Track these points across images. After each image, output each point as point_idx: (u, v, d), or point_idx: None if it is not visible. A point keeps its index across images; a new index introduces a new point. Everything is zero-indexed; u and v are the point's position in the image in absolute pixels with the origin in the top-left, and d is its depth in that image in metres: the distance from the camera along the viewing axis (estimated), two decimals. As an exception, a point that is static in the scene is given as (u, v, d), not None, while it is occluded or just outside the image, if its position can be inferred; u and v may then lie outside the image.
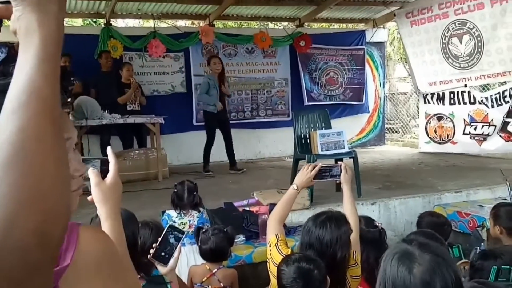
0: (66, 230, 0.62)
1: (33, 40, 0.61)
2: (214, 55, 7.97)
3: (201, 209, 3.78)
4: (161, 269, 2.07)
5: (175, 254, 2.08)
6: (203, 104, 7.23)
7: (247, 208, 4.61)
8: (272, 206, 4.22)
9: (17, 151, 0.56)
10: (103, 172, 1.22)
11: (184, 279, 2.93)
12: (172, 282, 2.02)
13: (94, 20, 10.81)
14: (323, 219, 2.32)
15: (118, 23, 10.35)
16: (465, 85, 7.91)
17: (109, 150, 1.26)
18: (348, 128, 6.14)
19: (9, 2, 0.62)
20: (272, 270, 2.40)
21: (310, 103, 9.47)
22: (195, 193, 3.70)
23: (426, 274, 1.41)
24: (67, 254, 0.79)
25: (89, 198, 1.21)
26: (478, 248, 2.84)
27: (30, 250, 0.54)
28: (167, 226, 2.15)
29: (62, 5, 0.64)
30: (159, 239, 2.08)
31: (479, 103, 7.78)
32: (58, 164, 0.59)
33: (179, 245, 2.10)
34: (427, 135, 8.83)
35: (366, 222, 2.95)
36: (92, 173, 1.20)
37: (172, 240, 2.08)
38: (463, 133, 8.09)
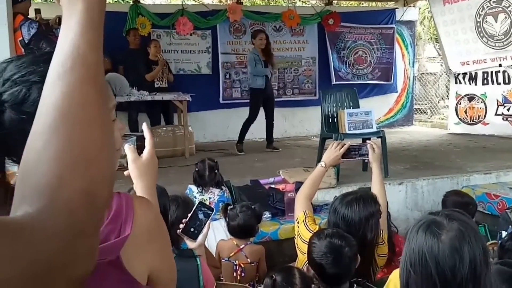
0: (112, 194, 0.63)
1: (76, 8, 0.61)
2: (260, 29, 7.83)
3: (223, 187, 3.80)
4: (190, 244, 2.10)
5: (204, 230, 2.11)
6: (251, 80, 7.12)
7: (273, 186, 4.62)
8: (298, 184, 4.22)
9: (63, 116, 0.56)
10: (139, 148, 1.22)
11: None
12: (201, 256, 2.05)
13: (123, -3, 10.86)
14: (350, 200, 2.31)
15: (146, 0, 10.35)
16: (500, 65, 7.70)
17: (144, 126, 1.26)
18: (375, 108, 6.04)
19: None
20: (300, 246, 2.41)
21: (337, 82, 9.37)
22: (216, 171, 3.73)
23: (455, 240, 1.39)
24: (126, 225, 0.82)
25: (125, 173, 1.22)
26: (503, 232, 2.79)
27: (77, 211, 0.54)
28: (197, 202, 2.17)
29: None
30: (189, 215, 2.10)
31: (514, 83, 7.60)
32: (103, 130, 0.60)
33: (208, 221, 2.12)
34: (457, 116, 8.66)
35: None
36: (129, 149, 1.21)
37: (201, 216, 2.10)
38: (495, 114, 7.91)
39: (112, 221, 0.80)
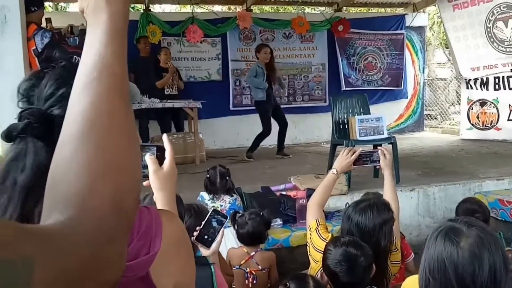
0: (139, 201, 0.64)
1: (101, 17, 0.62)
2: (265, 43, 7.80)
3: (234, 195, 3.80)
4: (204, 252, 2.10)
5: (218, 237, 2.11)
6: (253, 93, 7.14)
7: (284, 193, 4.62)
8: (309, 190, 4.22)
9: (90, 125, 0.58)
10: (158, 159, 1.23)
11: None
12: (215, 263, 2.05)
13: (133, 5, 10.93)
14: (363, 207, 2.29)
15: (156, 8, 10.42)
16: (511, 70, 7.65)
17: (165, 137, 1.27)
18: (386, 114, 6.03)
19: None
20: (313, 254, 2.41)
21: (347, 89, 9.37)
22: (227, 178, 3.73)
23: (474, 246, 1.38)
24: (156, 241, 0.82)
25: (145, 183, 1.22)
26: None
27: (106, 218, 0.55)
28: (211, 210, 2.17)
29: None
30: (203, 222, 2.10)
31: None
32: (130, 138, 0.61)
33: (222, 229, 2.12)
34: (469, 121, 8.61)
35: None
36: (150, 160, 1.21)
37: (215, 224, 2.10)
38: (508, 119, 7.86)
39: (143, 237, 0.81)
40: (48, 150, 0.76)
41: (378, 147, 3.44)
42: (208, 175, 3.77)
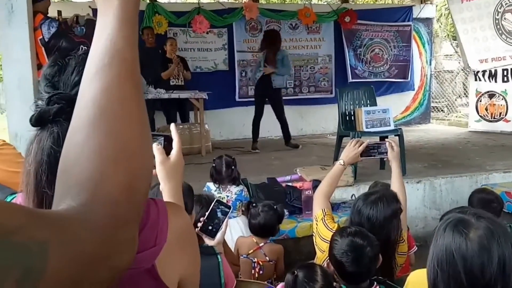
0: (149, 187, 0.64)
1: (112, 4, 0.61)
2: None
3: (241, 186, 3.80)
4: (209, 242, 2.11)
5: (222, 228, 2.12)
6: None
7: (290, 184, 4.62)
8: (315, 182, 4.22)
9: (102, 111, 0.57)
10: (165, 149, 1.22)
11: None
12: (221, 253, 2.05)
13: (139, -4, 10.93)
14: (373, 199, 2.29)
15: (162, -1, 10.41)
16: (520, 62, 7.61)
17: (173, 127, 1.26)
18: (392, 106, 6.01)
19: None
20: (319, 244, 2.41)
21: (354, 80, 9.34)
22: (233, 167, 3.72)
23: (484, 238, 1.37)
24: (162, 233, 0.82)
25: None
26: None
27: (119, 204, 0.55)
28: (215, 200, 2.18)
29: None
30: (207, 213, 2.11)
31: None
32: (141, 125, 0.61)
33: (226, 219, 2.13)
34: (478, 113, 8.57)
35: None
36: (157, 150, 1.20)
37: (219, 215, 2.10)
38: (516, 111, 7.83)
39: (149, 230, 0.80)
40: None
41: (386, 139, 3.42)
42: (214, 165, 3.77)
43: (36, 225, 0.47)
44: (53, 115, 0.80)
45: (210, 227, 2.09)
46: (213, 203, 2.13)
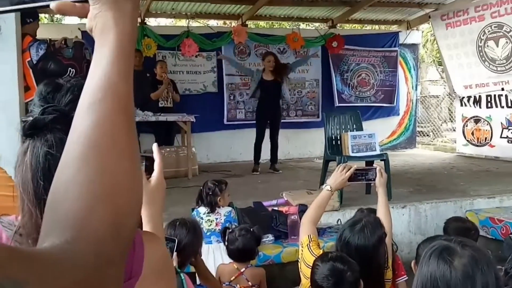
0: (138, 224, 0.63)
1: (109, 37, 0.62)
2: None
3: (230, 208, 3.80)
4: None
5: (173, 263, 2.10)
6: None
7: (276, 208, 4.62)
8: (301, 206, 4.22)
9: (93, 146, 0.57)
10: (147, 169, 1.18)
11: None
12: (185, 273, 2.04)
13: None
14: (359, 228, 2.28)
15: (151, 22, 10.48)
16: (502, 89, 7.74)
17: (155, 147, 1.21)
18: (378, 131, 6.10)
19: (86, 1, 0.64)
20: (303, 270, 2.40)
21: (340, 105, 9.42)
22: (219, 192, 3.73)
23: (468, 266, 1.38)
24: (137, 265, 0.80)
25: None
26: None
27: (105, 241, 0.54)
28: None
29: (136, 4, 0.65)
30: None
31: (517, 107, 7.63)
32: (132, 160, 0.60)
33: (175, 255, 2.10)
34: (465, 137, 8.69)
35: None
36: None
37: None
38: (501, 137, 7.93)
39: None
40: None
41: (375, 165, 3.44)
42: (201, 188, 3.78)
43: (15, 264, 0.47)
44: (48, 122, 0.81)
45: None
46: None
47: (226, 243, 3.09)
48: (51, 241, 0.53)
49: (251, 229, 3.11)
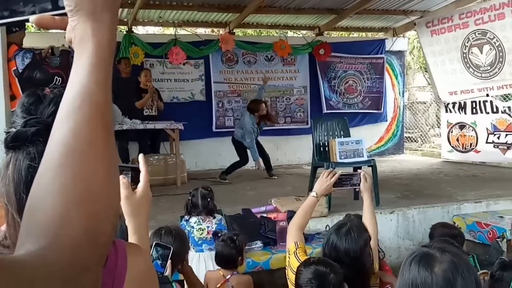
0: (115, 230, 0.63)
1: (87, 48, 0.63)
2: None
3: (220, 216, 3.80)
4: None
5: (167, 271, 2.10)
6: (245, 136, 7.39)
7: (265, 215, 4.62)
8: (290, 213, 4.23)
9: (69, 153, 0.58)
10: (133, 180, 1.18)
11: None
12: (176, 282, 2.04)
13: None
14: (345, 231, 2.30)
15: (139, 30, 10.48)
16: (487, 95, 7.82)
17: (141, 158, 1.21)
18: (366, 137, 6.15)
19: (65, 14, 0.64)
20: (291, 277, 2.41)
21: (328, 111, 9.47)
22: (209, 199, 3.73)
23: (448, 271, 1.41)
24: (120, 277, 0.80)
25: None
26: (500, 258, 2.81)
27: (80, 248, 0.55)
28: (153, 244, 2.09)
29: (115, 14, 0.66)
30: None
31: (502, 112, 7.70)
32: (109, 167, 0.61)
33: (169, 262, 2.09)
34: (450, 144, 8.76)
35: None
36: (123, 185, 1.13)
37: (159, 262, 2.05)
38: (486, 142, 8.00)
39: (107, 273, 0.77)
40: None
41: (359, 170, 3.47)
42: (190, 197, 3.77)
43: None
44: (30, 135, 0.80)
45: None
46: (152, 247, 2.06)
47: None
48: (26, 248, 0.54)
49: (235, 238, 3.11)
